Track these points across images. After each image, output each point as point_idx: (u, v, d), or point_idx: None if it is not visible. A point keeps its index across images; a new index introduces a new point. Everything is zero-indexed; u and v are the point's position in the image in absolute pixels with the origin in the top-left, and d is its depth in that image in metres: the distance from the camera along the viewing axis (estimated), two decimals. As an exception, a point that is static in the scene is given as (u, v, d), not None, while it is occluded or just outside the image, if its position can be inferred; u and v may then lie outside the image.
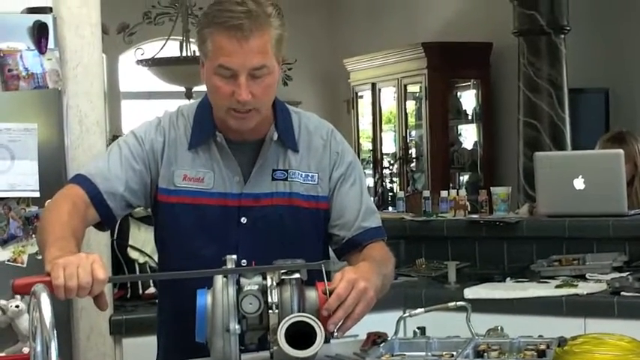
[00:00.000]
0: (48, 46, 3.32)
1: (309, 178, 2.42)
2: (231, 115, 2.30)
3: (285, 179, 2.40)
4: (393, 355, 2.22)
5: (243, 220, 2.38)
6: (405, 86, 9.31)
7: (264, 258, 2.19)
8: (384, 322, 2.40)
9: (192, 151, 2.40)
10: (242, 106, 2.27)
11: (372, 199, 7.41)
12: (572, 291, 3.71)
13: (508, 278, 4.05)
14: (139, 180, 2.40)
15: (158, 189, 2.40)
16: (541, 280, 3.95)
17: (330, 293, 2.07)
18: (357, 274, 2.11)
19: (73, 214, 2.25)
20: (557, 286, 3.80)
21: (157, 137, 2.43)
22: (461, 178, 9.19)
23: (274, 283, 2.06)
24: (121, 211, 2.41)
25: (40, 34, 3.31)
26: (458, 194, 4.70)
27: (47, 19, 3.34)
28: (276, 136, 2.39)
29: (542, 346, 2.14)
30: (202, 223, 2.38)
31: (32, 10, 3.36)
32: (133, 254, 3.77)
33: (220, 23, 2.24)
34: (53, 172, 3.32)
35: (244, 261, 2.30)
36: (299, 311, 2.04)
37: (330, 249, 2.53)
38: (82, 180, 2.37)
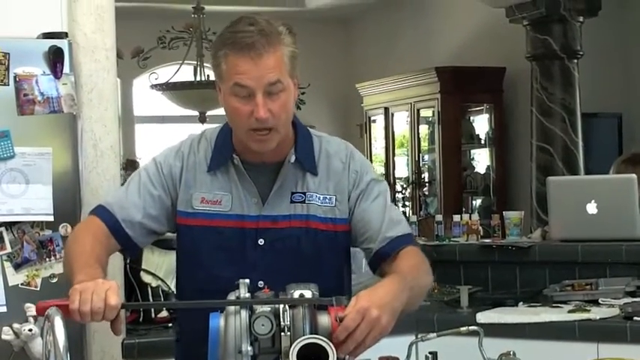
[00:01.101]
0: (63, 71, 3.35)
1: (327, 200, 2.42)
2: (251, 137, 2.32)
3: (303, 202, 2.41)
4: (404, 380, 2.22)
5: (261, 241, 2.39)
6: (418, 110, 9.32)
7: (281, 279, 2.19)
8: (395, 346, 2.39)
9: (210, 173, 2.42)
10: (261, 124, 2.29)
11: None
12: (584, 316, 3.70)
13: (520, 303, 4.04)
14: (159, 205, 2.43)
15: (177, 212, 2.43)
16: (554, 305, 3.94)
17: (342, 320, 2.06)
18: (370, 301, 2.06)
19: (94, 245, 2.31)
20: (570, 311, 3.79)
21: (176, 162, 2.45)
22: (473, 202, 9.18)
23: (287, 306, 2.06)
24: (142, 238, 2.45)
25: (55, 59, 3.34)
26: (470, 218, 4.70)
27: (63, 44, 3.37)
28: (293, 159, 2.41)
29: (554, 371, 2.14)
30: (220, 245, 2.39)
31: (48, 36, 3.39)
32: (146, 278, 3.78)
33: (233, 44, 2.27)
34: (67, 196, 3.34)
35: (261, 282, 2.31)
36: (311, 334, 2.04)
37: (351, 268, 2.54)
38: (101, 211, 2.43)
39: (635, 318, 3.60)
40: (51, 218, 3.31)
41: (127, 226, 2.41)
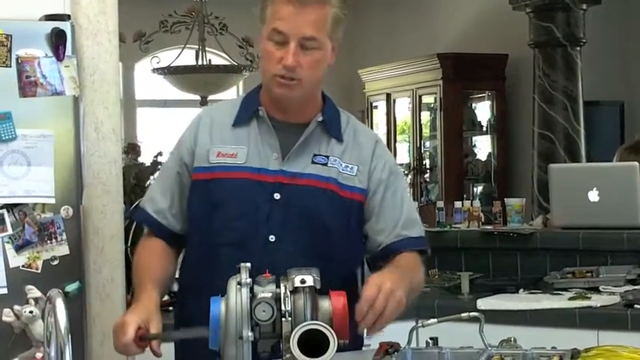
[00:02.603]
0: (66, 54, 3.34)
1: (349, 169, 2.44)
2: (276, 82, 2.36)
3: (325, 164, 2.43)
4: (405, 365, 2.22)
5: (277, 195, 2.40)
6: (420, 97, 9.31)
7: (292, 236, 2.29)
8: (396, 332, 2.39)
9: (232, 128, 2.45)
10: (287, 72, 2.33)
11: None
12: (585, 303, 3.71)
13: (521, 290, 4.04)
14: (186, 181, 2.48)
15: (193, 169, 2.45)
16: (554, 292, 3.95)
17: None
18: (383, 277, 2.16)
19: (148, 258, 2.45)
20: (571, 298, 3.79)
21: (190, 132, 2.49)
22: (475, 189, 9.18)
23: (288, 292, 2.06)
24: (179, 224, 2.50)
25: (57, 42, 3.33)
26: (472, 205, 4.69)
27: (65, 26, 3.36)
28: (320, 119, 2.43)
29: (555, 358, 2.15)
30: (235, 196, 2.41)
31: (50, 18, 3.38)
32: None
33: None
34: (69, 179, 3.34)
35: (272, 237, 2.35)
36: (312, 320, 2.04)
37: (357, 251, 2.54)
38: (139, 213, 2.59)
39: (635, 306, 3.60)
40: (52, 201, 3.31)
41: (158, 217, 2.49)
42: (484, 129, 9.16)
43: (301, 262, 2.15)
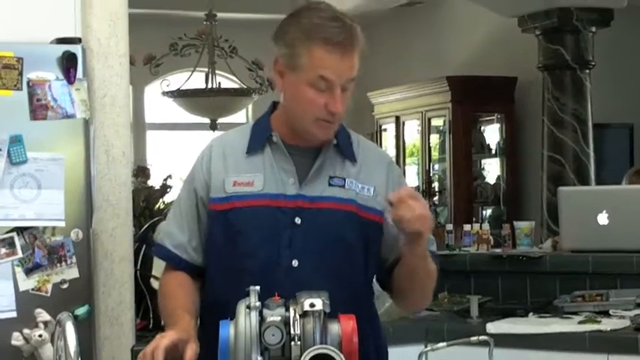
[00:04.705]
0: (76, 77, 3.36)
1: (366, 190, 2.45)
2: (319, 125, 2.37)
3: (343, 186, 2.43)
4: (414, 389, 2.21)
5: (298, 220, 2.39)
6: (429, 119, 9.31)
7: (315, 259, 2.30)
8: (405, 356, 2.40)
9: (245, 156, 2.44)
10: (332, 117, 2.35)
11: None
12: (595, 327, 3.70)
13: (531, 313, 4.03)
14: (202, 213, 2.46)
15: (210, 200, 2.44)
16: (564, 316, 3.94)
17: None
18: None
19: (174, 296, 2.42)
20: (581, 322, 3.78)
21: (202, 163, 2.48)
22: (484, 212, 9.16)
23: (297, 315, 2.06)
24: (200, 257, 2.48)
25: (68, 65, 3.34)
26: (481, 228, 4.69)
27: (76, 49, 3.38)
28: (335, 142, 2.45)
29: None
30: (255, 223, 2.39)
31: (61, 41, 3.40)
32: (156, 284, 3.78)
33: (323, 39, 2.31)
34: (79, 202, 3.35)
35: (295, 261, 2.35)
36: (321, 344, 2.04)
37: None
38: (159, 250, 2.53)
39: (645, 330, 3.59)
40: (62, 224, 3.32)
41: (179, 252, 2.47)
42: (493, 152, 9.15)
43: (324, 285, 2.16)
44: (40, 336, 3.12)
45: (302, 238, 2.38)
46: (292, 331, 2.04)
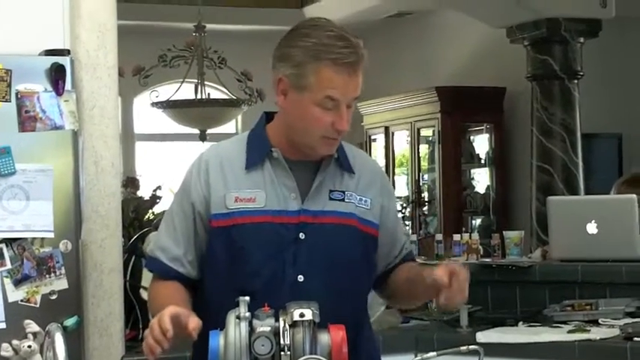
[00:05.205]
0: (65, 88, 3.35)
1: (363, 202, 2.47)
2: (325, 142, 2.39)
3: (343, 200, 2.44)
4: (404, 399, 2.21)
5: (302, 235, 2.40)
6: (419, 130, 9.34)
7: (319, 274, 2.32)
8: (396, 365, 2.40)
9: (244, 172, 2.43)
10: (338, 134, 2.38)
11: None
12: (584, 336, 3.70)
13: (520, 322, 4.03)
14: (200, 228, 2.45)
15: (211, 216, 2.42)
16: (553, 325, 3.94)
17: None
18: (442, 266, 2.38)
19: (169, 296, 2.38)
20: (570, 331, 3.79)
21: (199, 177, 2.45)
22: (473, 221, 9.18)
23: (287, 325, 2.06)
24: (195, 271, 2.47)
25: (57, 76, 3.34)
26: (470, 238, 4.70)
27: (65, 61, 3.37)
28: (336, 156, 2.46)
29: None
30: (258, 240, 2.39)
31: (50, 53, 3.39)
32: (145, 295, 3.77)
33: (332, 60, 2.32)
34: (68, 213, 3.34)
35: (301, 277, 2.36)
36: (311, 354, 2.04)
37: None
38: (151, 263, 2.50)
39: (635, 338, 3.59)
40: (51, 235, 3.31)
41: (174, 265, 2.45)
42: (482, 162, 9.18)
43: (329, 299, 2.20)
44: (30, 347, 3.11)
45: (306, 253, 2.38)
46: (282, 342, 2.05)
